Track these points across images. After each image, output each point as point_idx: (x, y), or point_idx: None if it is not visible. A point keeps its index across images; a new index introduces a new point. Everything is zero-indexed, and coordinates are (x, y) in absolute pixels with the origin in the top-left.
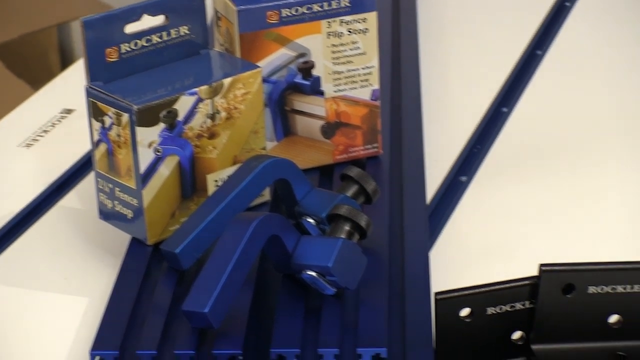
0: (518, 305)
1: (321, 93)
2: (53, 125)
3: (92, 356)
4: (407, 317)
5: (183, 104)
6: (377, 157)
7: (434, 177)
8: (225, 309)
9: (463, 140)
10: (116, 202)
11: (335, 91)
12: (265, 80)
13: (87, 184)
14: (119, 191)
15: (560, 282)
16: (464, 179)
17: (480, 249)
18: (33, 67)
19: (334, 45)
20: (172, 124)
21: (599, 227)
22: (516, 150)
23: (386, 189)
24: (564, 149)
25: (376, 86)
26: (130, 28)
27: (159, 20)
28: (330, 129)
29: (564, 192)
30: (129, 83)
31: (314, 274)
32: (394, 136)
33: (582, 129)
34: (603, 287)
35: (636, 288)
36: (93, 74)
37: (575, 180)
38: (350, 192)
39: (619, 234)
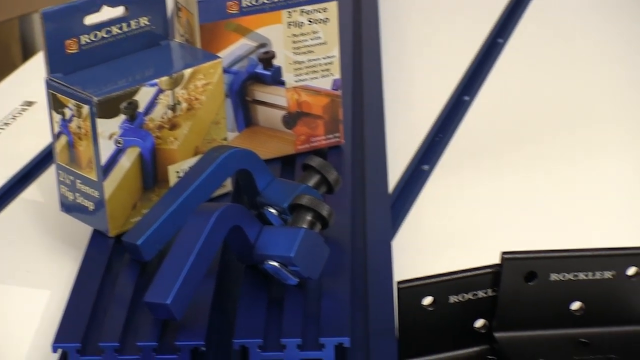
0: (480, 294)
1: (282, 83)
2: (14, 117)
3: (55, 348)
4: (369, 306)
5: (143, 95)
6: (339, 146)
7: (396, 166)
8: (187, 300)
9: (425, 129)
10: (77, 194)
11: (296, 81)
12: (226, 70)
13: (49, 177)
14: (80, 183)
15: (522, 270)
16: (426, 167)
17: (442, 238)
18: None
19: (294, 35)
20: (133, 115)
21: (560, 215)
22: (478, 138)
23: (348, 179)
24: (525, 137)
25: (337, 76)
26: (90, 19)
27: (118, 11)
28: (292, 119)
29: (526, 180)
30: (89, 74)
31: (276, 264)
32: (356, 126)
33: (542, 117)
34: (565, 274)
35: (598, 275)
36: (53, 65)
37: (537, 168)
38: (312, 182)
39: (580, 221)
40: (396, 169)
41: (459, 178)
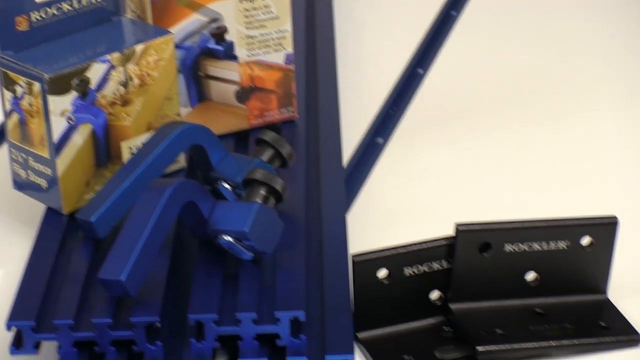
0: (435, 265)
1: (235, 58)
2: None
3: (9, 327)
4: (325, 280)
5: (95, 72)
6: (292, 121)
7: (350, 139)
8: (142, 277)
9: (379, 102)
10: (30, 172)
11: (248, 56)
12: (177, 46)
13: (1, 155)
14: (33, 161)
15: (476, 241)
16: (380, 141)
17: (397, 210)
18: None
19: (246, 9)
20: (85, 92)
21: (514, 186)
22: (431, 111)
23: (302, 153)
24: (479, 109)
25: (290, 50)
26: None
27: None
28: (245, 93)
29: (481, 152)
30: (40, 52)
31: (230, 239)
32: (310, 100)
33: (496, 89)
34: (519, 245)
35: (552, 245)
36: (3, 43)
37: (491, 140)
38: (265, 156)
39: (534, 192)
40: (350, 142)
41: (413, 151)
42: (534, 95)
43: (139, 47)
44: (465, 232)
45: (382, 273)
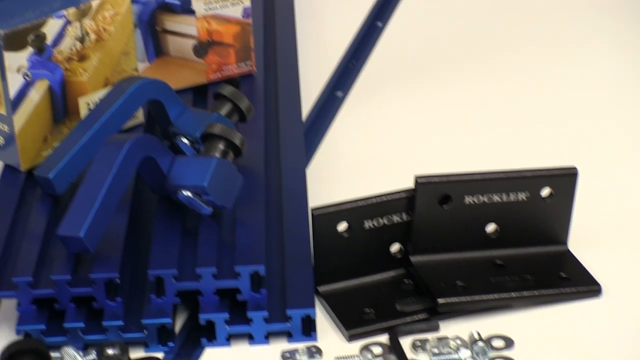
0: (395, 218)
1: (192, 12)
2: None
3: None
4: (285, 234)
5: (51, 27)
6: (251, 75)
7: (310, 93)
8: (100, 233)
9: (338, 55)
10: None
11: (206, 10)
12: (134, 0)
13: None
14: None
15: (436, 194)
16: (339, 94)
17: (357, 164)
18: None
19: None
20: (41, 47)
21: (474, 139)
22: (391, 64)
23: (261, 107)
24: (438, 62)
25: (247, 4)
26: None
27: None
28: (203, 48)
29: (441, 105)
30: None
31: (189, 194)
32: (268, 54)
33: (455, 43)
34: (479, 197)
35: (512, 197)
36: None
37: (449, 93)
38: (224, 110)
39: (494, 144)
40: (309, 96)
41: (373, 104)
42: (493, 48)
43: (95, 2)
44: (424, 184)
45: (342, 226)
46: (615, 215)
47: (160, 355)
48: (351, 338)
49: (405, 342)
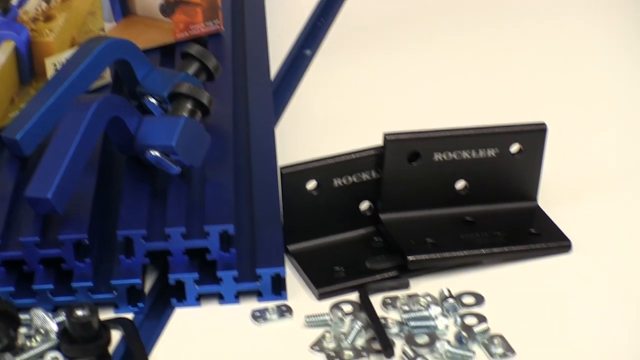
0: (364, 176)
1: None
2: None
3: None
4: (254, 193)
5: None
6: (218, 34)
7: (278, 52)
8: (69, 194)
9: (306, 13)
10: None
11: None
12: None
13: None
14: None
15: (405, 151)
16: (308, 52)
17: (326, 122)
18: None
19: None
20: (6, 8)
21: (444, 96)
22: (360, 21)
23: (229, 66)
24: (407, 20)
25: None
26: None
27: None
28: (170, 7)
29: (409, 62)
30: None
31: (157, 153)
32: (235, 12)
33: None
34: (448, 153)
35: (481, 153)
36: None
37: (418, 49)
38: (191, 70)
39: (463, 102)
40: (278, 54)
41: (342, 62)
42: (461, 5)
43: None
44: (393, 141)
45: (311, 184)
46: (584, 171)
47: (130, 316)
48: (321, 296)
49: (376, 299)
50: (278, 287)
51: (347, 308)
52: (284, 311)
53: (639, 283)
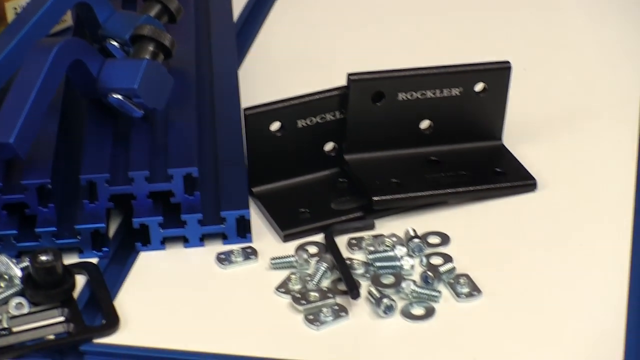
0: (329, 116)
1: None
2: None
3: None
4: (218, 135)
5: None
6: None
7: None
8: (31, 138)
9: None
10: None
11: None
12: None
13: None
14: None
15: (369, 91)
16: None
17: (290, 63)
18: None
19: None
20: None
21: (407, 36)
22: None
23: (191, 8)
24: None
25: None
26: None
27: None
28: None
29: (374, 2)
30: None
31: (120, 96)
32: None
33: None
34: (413, 93)
35: (445, 93)
36: None
37: None
38: (153, 12)
39: (428, 41)
40: None
41: (305, 2)
42: None
43: None
44: (357, 81)
45: (275, 126)
46: (549, 109)
47: (94, 260)
48: (286, 238)
49: (341, 241)
50: (243, 230)
51: (313, 250)
52: (249, 254)
53: (604, 220)
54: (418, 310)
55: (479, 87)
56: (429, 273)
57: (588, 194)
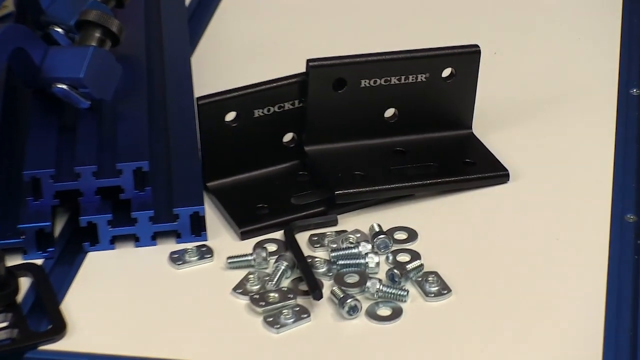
0: (287, 105)
1: None
2: None
3: None
4: (170, 127)
5: None
6: None
7: None
8: None
9: None
10: None
11: None
12: None
13: None
14: None
15: (329, 77)
16: None
17: (246, 50)
18: None
19: None
20: None
21: (371, 20)
22: None
23: None
24: None
25: None
26: None
27: None
28: None
29: None
30: None
31: (65, 86)
32: None
33: None
34: (376, 79)
35: (411, 79)
36: None
37: None
38: None
39: (393, 25)
40: None
41: None
42: None
43: None
44: (317, 67)
45: (230, 116)
46: (521, 96)
47: (39, 262)
48: (243, 236)
49: (302, 237)
50: (197, 227)
51: (272, 247)
52: (204, 252)
53: (581, 211)
54: (384, 311)
55: (446, 72)
56: (396, 271)
57: (563, 184)
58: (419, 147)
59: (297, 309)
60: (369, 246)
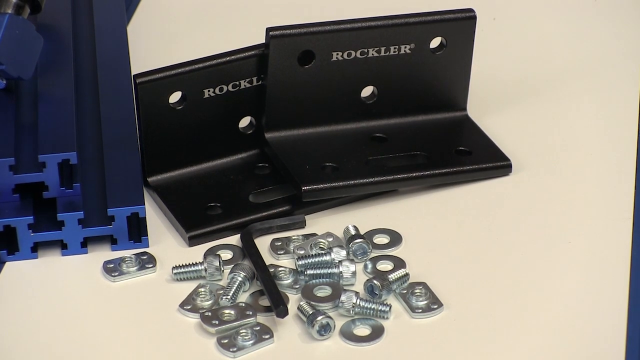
0: (244, 84)
1: None
2: None
3: None
4: (102, 110)
5: None
6: None
7: None
8: None
9: None
10: None
11: None
12: None
13: None
14: None
15: (294, 49)
16: None
17: (192, 17)
18: None
19: None
20: None
21: None
22: None
23: None
24: None
25: None
26: None
27: None
28: None
29: None
30: None
31: None
32: None
33: None
34: (351, 52)
35: (392, 51)
36: None
37: None
38: None
39: None
40: None
41: None
42: None
43: None
44: (279, 37)
45: (175, 97)
46: (524, 70)
47: None
48: (192, 241)
49: (263, 243)
50: (136, 231)
51: (226, 255)
52: (145, 262)
53: (595, 209)
54: (362, 330)
55: (435, 42)
56: (376, 282)
57: (576, 176)
58: (402, 132)
59: (258, 328)
60: (344, 252)
